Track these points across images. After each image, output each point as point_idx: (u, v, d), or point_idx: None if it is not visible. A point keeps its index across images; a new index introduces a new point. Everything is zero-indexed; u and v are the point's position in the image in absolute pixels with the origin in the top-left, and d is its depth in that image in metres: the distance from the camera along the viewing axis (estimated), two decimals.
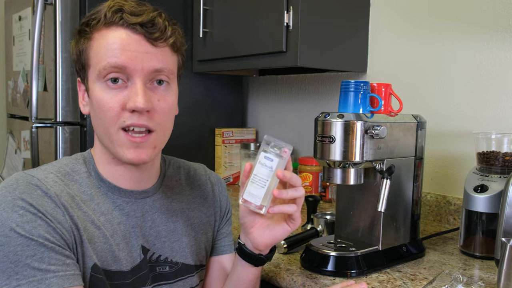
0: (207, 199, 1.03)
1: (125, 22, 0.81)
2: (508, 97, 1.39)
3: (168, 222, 0.94)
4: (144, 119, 0.82)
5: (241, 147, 2.11)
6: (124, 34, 0.81)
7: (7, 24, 2.37)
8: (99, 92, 0.82)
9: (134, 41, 0.81)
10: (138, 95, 0.80)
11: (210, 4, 1.86)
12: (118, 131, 0.82)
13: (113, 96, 0.81)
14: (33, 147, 1.80)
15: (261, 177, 0.83)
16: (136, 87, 0.81)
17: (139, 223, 0.90)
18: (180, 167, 1.03)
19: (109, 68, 0.80)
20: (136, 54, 0.81)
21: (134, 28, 0.81)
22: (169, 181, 0.99)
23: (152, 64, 0.82)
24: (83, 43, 0.84)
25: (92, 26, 0.83)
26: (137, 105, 0.80)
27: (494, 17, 1.41)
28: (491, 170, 1.18)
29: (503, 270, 0.88)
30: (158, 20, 0.83)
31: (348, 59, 1.70)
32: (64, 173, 0.87)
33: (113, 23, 0.82)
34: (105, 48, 0.81)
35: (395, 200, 1.12)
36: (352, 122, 1.02)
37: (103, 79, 0.82)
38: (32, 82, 1.76)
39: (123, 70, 0.81)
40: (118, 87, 0.81)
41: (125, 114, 0.81)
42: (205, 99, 2.10)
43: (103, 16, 0.82)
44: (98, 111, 0.83)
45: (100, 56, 0.82)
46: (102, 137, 0.86)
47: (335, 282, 1.01)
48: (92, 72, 0.83)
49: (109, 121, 0.82)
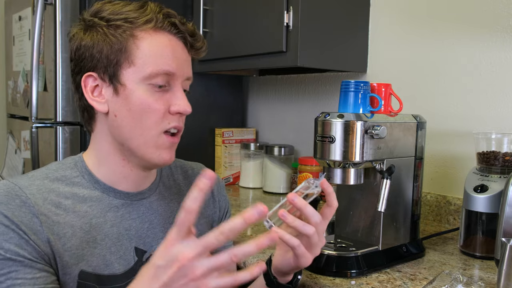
0: (206, 199, 1.03)
1: (175, 28, 0.85)
2: (508, 97, 1.39)
3: (166, 223, 0.94)
4: (182, 121, 0.88)
5: (241, 147, 2.11)
6: (173, 41, 0.85)
7: (7, 24, 2.37)
8: (143, 94, 0.82)
9: (180, 49, 0.86)
10: (184, 100, 0.85)
11: (210, 4, 1.86)
12: (160, 134, 0.85)
13: (157, 99, 0.83)
14: (33, 147, 1.80)
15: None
16: (179, 92, 0.85)
17: (135, 225, 0.89)
18: (177, 167, 1.03)
19: (162, 74, 0.82)
20: (181, 61, 0.85)
21: (182, 36, 0.86)
22: (166, 181, 0.98)
23: (188, 71, 0.88)
24: (126, 39, 0.81)
25: (139, 25, 0.82)
26: (185, 109, 0.85)
27: (494, 17, 1.41)
28: (491, 170, 1.18)
29: (503, 270, 0.88)
30: (197, 31, 0.90)
31: (348, 59, 1.70)
32: (53, 178, 0.86)
33: (163, 28, 0.84)
34: (158, 52, 0.83)
35: (395, 200, 1.12)
36: (352, 122, 1.02)
37: (149, 81, 0.82)
38: (32, 82, 1.76)
39: (171, 76, 0.84)
40: (162, 90, 0.84)
41: (169, 116, 0.85)
42: (205, 99, 2.10)
43: (154, 18, 0.83)
44: (139, 113, 0.83)
45: (152, 59, 0.82)
46: (131, 138, 0.84)
47: (335, 282, 1.01)
48: (134, 72, 0.82)
49: (153, 123, 0.83)
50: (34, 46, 1.74)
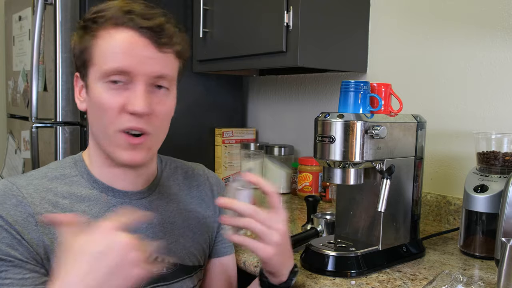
0: (205, 199, 1.03)
1: (135, 24, 0.80)
2: (508, 97, 1.39)
3: (164, 223, 0.93)
4: (142, 122, 0.81)
5: (241, 147, 2.10)
6: (132, 37, 0.80)
7: (7, 24, 2.37)
8: (99, 92, 0.81)
9: (141, 45, 0.81)
10: (139, 99, 0.80)
11: (210, 4, 1.86)
12: (116, 133, 0.82)
13: (113, 96, 0.81)
14: (33, 147, 1.80)
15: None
16: (137, 91, 0.80)
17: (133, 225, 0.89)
18: (177, 167, 1.03)
19: (113, 71, 0.80)
20: (141, 59, 0.80)
21: (143, 31, 0.80)
22: (166, 181, 0.98)
23: (156, 70, 0.82)
24: (88, 40, 0.83)
25: (100, 24, 0.82)
26: (136, 109, 0.79)
27: (494, 17, 1.41)
28: (491, 170, 1.18)
29: (503, 270, 0.88)
30: (168, 25, 0.83)
31: (348, 59, 1.70)
32: (52, 177, 0.86)
33: (122, 24, 0.81)
34: (112, 49, 0.80)
35: (395, 200, 1.12)
36: (352, 122, 1.02)
37: (105, 79, 0.81)
38: (32, 82, 1.76)
39: (126, 73, 0.80)
40: (119, 87, 0.81)
41: (124, 116, 0.81)
42: (205, 99, 2.10)
43: (112, 16, 0.81)
44: (98, 110, 0.82)
45: (105, 57, 0.81)
46: (98, 136, 0.85)
47: (335, 282, 1.01)
48: (94, 71, 0.82)
49: (108, 122, 0.81)
50: (34, 46, 1.74)
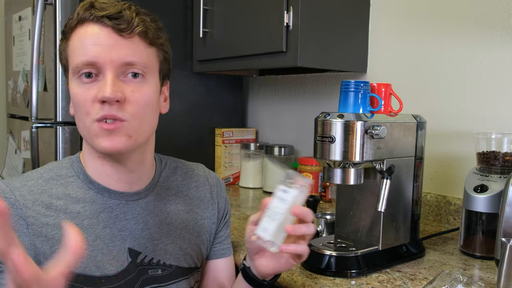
0: (204, 200, 1.02)
1: (95, 17, 0.82)
2: (508, 97, 1.39)
3: (161, 224, 0.93)
4: (114, 109, 0.80)
5: (241, 147, 2.11)
6: (94, 29, 0.82)
7: (7, 24, 2.37)
8: (74, 88, 0.83)
9: (104, 35, 0.82)
10: (107, 86, 0.80)
11: (210, 4, 1.86)
12: (92, 123, 0.82)
13: (85, 90, 0.82)
14: (33, 147, 1.80)
15: (275, 210, 0.78)
16: (106, 79, 0.80)
17: (129, 226, 0.89)
18: (177, 168, 1.02)
19: (81, 65, 0.81)
20: (105, 47, 0.81)
21: (103, 21, 0.82)
22: (164, 182, 0.97)
23: (122, 56, 0.81)
24: (63, 45, 0.86)
25: (69, 27, 0.84)
26: (104, 95, 0.79)
27: (494, 17, 1.41)
28: (491, 170, 1.18)
29: (503, 270, 0.88)
30: (126, 12, 0.83)
31: (348, 59, 1.70)
32: (48, 178, 0.86)
33: (85, 20, 0.83)
34: (78, 45, 0.82)
35: (395, 200, 1.12)
36: (352, 122, 1.02)
37: (77, 75, 0.82)
38: (32, 82, 1.76)
39: (94, 65, 0.81)
40: (91, 81, 0.82)
41: (96, 105, 0.81)
42: (205, 99, 2.10)
43: (76, 15, 0.83)
44: (76, 106, 0.84)
45: (73, 54, 0.83)
46: (82, 133, 0.86)
47: (335, 282, 1.01)
48: (70, 71, 0.85)
49: (84, 115, 0.82)
50: (34, 46, 1.74)
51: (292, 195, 0.79)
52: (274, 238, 0.78)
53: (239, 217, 1.55)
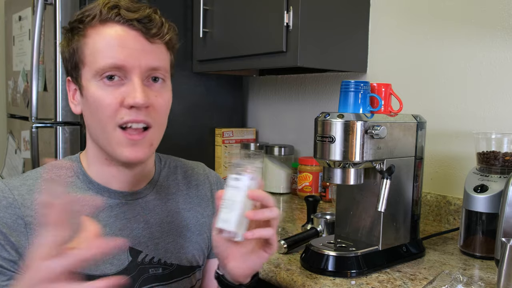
0: (205, 199, 1.02)
1: (122, 18, 0.80)
2: (508, 97, 1.39)
3: (162, 223, 0.93)
4: (142, 115, 0.81)
5: (241, 147, 2.11)
6: (120, 31, 0.80)
7: (7, 24, 2.37)
8: (95, 90, 0.81)
9: (131, 38, 0.80)
10: (137, 91, 0.79)
11: (210, 4, 1.86)
12: (115, 129, 0.81)
13: (110, 93, 0.80)
14: (33, 147, 1.80)
15: (232, 199, 0.75)
16: (134, 84, 0.80)
17: (129, 225, 0.89)
18: (177, 167, 1.02)
19: (108, 68, 0.79)
20: (133, 51, 0.80)
21: (131, 24, 0.80)
22: (164, 181, 0.97)
23: (149, 62, 0.81)
24: (77, 41, 0.82)
25: (87, 23, 0.81)
26: (137, 101, 0.79)
27: (494, 17, 1.41)
28: (491, 170, 1.18)
29: (503, 270, 0.88)
30: (155, 16, 0.82)
31: (348, 59, 1.70)
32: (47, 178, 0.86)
33: (109, 20, 0.80)
34: (102, 46, 0.80)
35: (395, 200, 1.12)
36: (352, 122, 1.02)
37: (99, 77, 0.80)
38: (32, 82, 1.76)
39: (121, 68, 0.80)
40: (115, 84, 0.80)
41: (123, 110, 0.80)
42: (205, 99, 2.10)
43: (98, 13, 0.80)
44: (95, 110, 0.82)
45: (97, 55, 0.80)
46: (97, 136, 0.85)
47: (335, 282, 1.01)
48: (87, 70, 0.82)
49: (107, 119, 0.81)
50: (34, 46, 1.74)
51: (245, 181, 0.77)
52: (236, 228, 0.75)
53: None
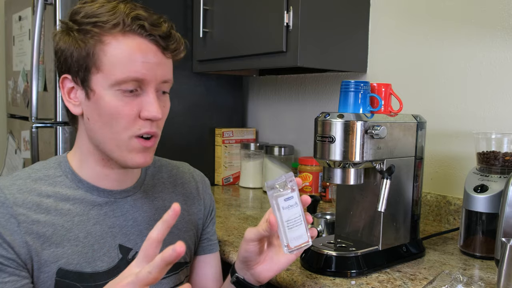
0: (190, 196, 1.04)
1: (145, 31, 0.81)
2: (508, 97, 1.39)
3: (150, 220, 0.94)
4: (155, 126, 0.85)
5: (241, 147, 2.11)
6: (143, 45, 0.81)
7: (7, 24, 2.37)
8: (111, 99, 0.81)
9: (152, 52, 0.82)
10: (154, 105, 0.82)
11: (210, 4, 1.86)
12: (131, 138, 0.83)
13: (126, 103, 0.81)
14: (33, 147, 1.80)
15: (295, 218, 0.81)
16: (150, 97, 0.82)
17: (119, 223, 0.90)
18: (162, 166, 1.04)
19: (129, 80, 0.80)
20: (152, 65, 0.82)
21: (153, 38, 0.82)
22: (151, 179, 0.99)
23: (164, 75, 0.84)
24: (93, 46, 0.81)
25: (106, 30, 0.80)
26: (154, 115, 0.82)
27: (494, 17, 1.41)
28: (491, 170, 1.18)
29: (503, 270, 0.88)
30: (173, 32, 0.85)
31: (348, 59, 1.70)
32: (36, 178, 0.87)
33: (132, 31, 0.81)
34: (124, 58, 0.80)
35: (395, 200, 1.12)
36: (352, 122, 1.02)
37: (117, 87, 0.81)
38: (32, 82, 1.76)
39: (140, 81, 0.81)
40: (132, 95, 0.82)
41: (139, 122, 0.83)
42: (205, 99, 2.10)
43: (121, 22, 0.80)
44: (109, 118, 0.82)
45: (117, 65, 0.80)
46: (104, 141, 0.85)
47: (335, 282, 1.01)
48: (103, 78, 0.81)
49: (122, 128, 0.82)
50: (34, 46, 1.74)
51: (296, 197, 0.81)
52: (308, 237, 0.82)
53: (239, 217, 1.55)
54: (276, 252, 0.88)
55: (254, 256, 0.86)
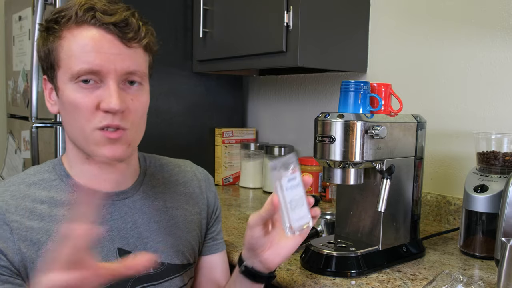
0: (193, 196, 1.01)
1: (98, 21, 0.79)
2: (508, 97, 1.39)
3: (150, 222, 0.92)
4: (118, 119, 0.80)
5: (241, 147, 2.11)
6: (96, 34, 0.79)
7: (7, 24, 2.37)
8: (71, 93, 0.80)
9: (107, 42, 0.79)
10: (112, 97, 0.79)
11: (210, 4, 1.86)
12: (93, 131, 0.80)
13: (85, 96, 0.80)
14: (33, 147, 1.80)
15: (295, 199, 0.80)
16: (110, 88, 0.79)
17: (117, 226, 0.88)
18: (163, 165, 1.01)
19: (83, 73, 0.79)
20: (109, 56, 0.79)
21: (107, 28, 0.79)
22: (151, 179, 0.97)
23: (126, 66, 0.80)
24: (52, 42, 0.81)
25: (62, 24, 0.80)
26: (112, 107, 0.78)
27: (494, 17, 1.41)
28: (491, 170, 1.18)
29: (503, 270, 0.88)
30: (132, 19, 0.81)
31: (348, 59, 1.70)
32: (30, 183, 0.86)
33: (85, 22, 0.79)
34: (77, 50, 0.79)
35: (395, 200, 1.12)
36: (352, 122, 1.02)
37: (75, 80, 0.80)
38: (32, 82, 1.76)
39: (96, 73, 0.79)
40: (91, 86, 0.80)
41: (99, 114, 0.80)
42: (205, 99, 2.10)
43: (74, 14, 0.79)
44: (72, 112, 0.81)
45: (72, 59, 0.79)
46: (75, 137, 0.84)
47: (335, 282, 1.01)
48: (63, 73, 0.81)
49: (84, 121, 0.80)
50: (34, 46, 1.74)
51: (298, 177, 0.80)
52: (310, 218, 0.81)
53: (239, 217, 1.55)
54: (282, 236, 0.84)
55: (260, 242, 0.83)
